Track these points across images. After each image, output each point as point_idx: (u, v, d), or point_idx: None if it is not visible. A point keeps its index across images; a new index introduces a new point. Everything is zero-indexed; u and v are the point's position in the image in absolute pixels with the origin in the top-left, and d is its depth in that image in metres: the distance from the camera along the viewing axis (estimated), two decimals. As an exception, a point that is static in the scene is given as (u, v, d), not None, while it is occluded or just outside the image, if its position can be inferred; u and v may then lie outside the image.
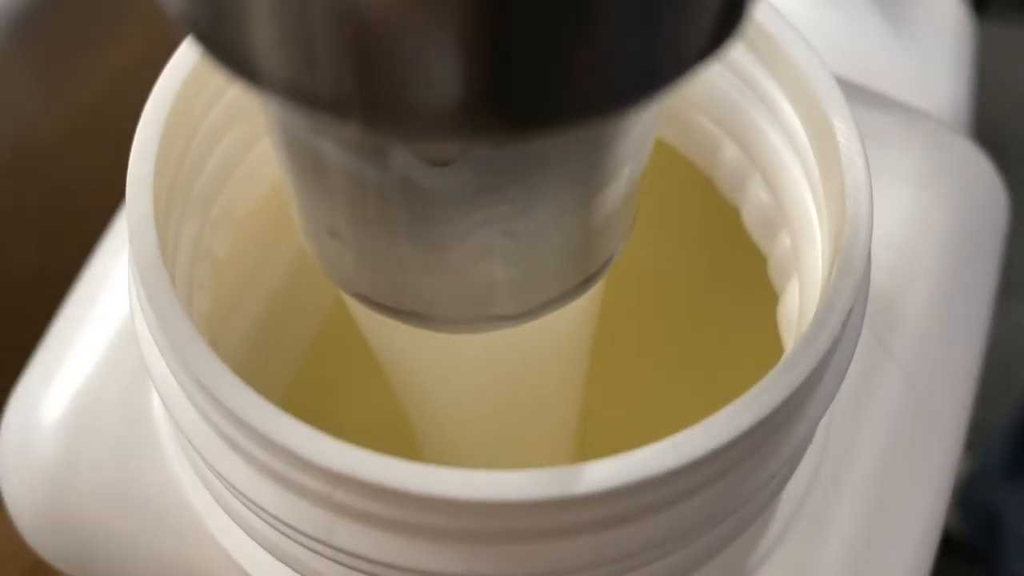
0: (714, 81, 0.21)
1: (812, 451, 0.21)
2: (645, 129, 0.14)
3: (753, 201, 0.22)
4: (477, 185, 0.13)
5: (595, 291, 0.20)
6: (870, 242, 0.16)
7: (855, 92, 0.28)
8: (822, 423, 0.21)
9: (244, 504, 0.16)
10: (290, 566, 0.17)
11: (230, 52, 0.10)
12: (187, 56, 0.18)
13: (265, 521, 0.16)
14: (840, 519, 0.21)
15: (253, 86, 0.10)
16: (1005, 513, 0.93)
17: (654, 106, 0.14)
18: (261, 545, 0.18)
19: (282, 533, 0.16)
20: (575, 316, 0.20)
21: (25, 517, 0.23)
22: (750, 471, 0.15)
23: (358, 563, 0.16)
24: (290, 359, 0.27)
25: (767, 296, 0.22)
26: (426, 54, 0.09)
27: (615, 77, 0.10)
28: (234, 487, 0.16)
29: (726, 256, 0.24)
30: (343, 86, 0.10)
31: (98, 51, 0.40)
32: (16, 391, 0.23)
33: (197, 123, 0.19)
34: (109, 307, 0.23)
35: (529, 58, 0.10)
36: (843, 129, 0.17)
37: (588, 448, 0.22)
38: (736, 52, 0.20)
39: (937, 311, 0.24)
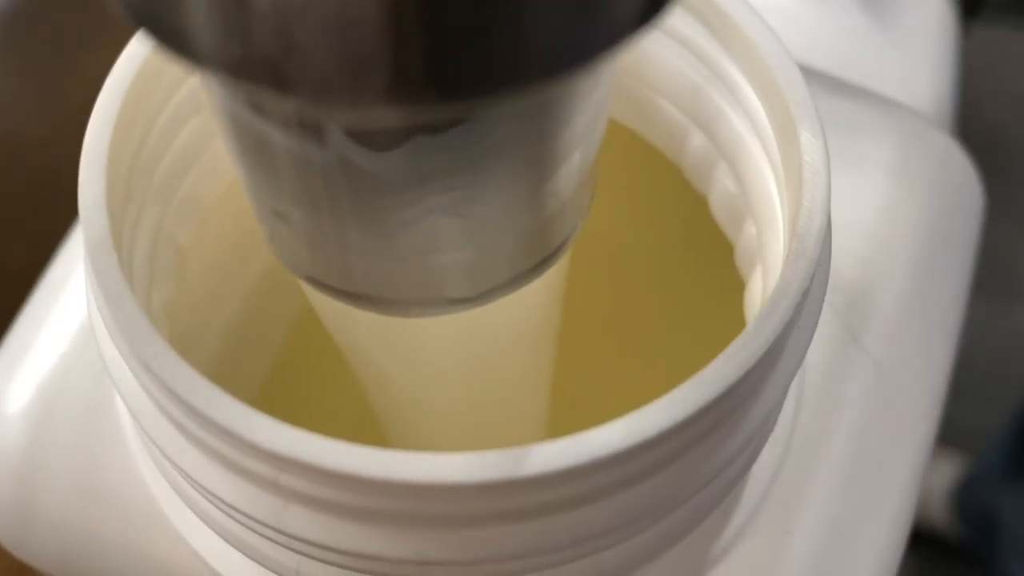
0: (680, 68, 0.21)
1: (777, 439, 0.21)
2: (592, 113, 0.14)
3: (720, 190, 0.21)
4: (420, 170, 0.13)
5: (558, 275, 0.20)
6: (826, 227, 0.16)
7: (833, 83, 0.28)
8: (788, 411, 0.21)
9: (196, 489, 0.16)
10: (244, 552, 0.17)
11: (159, 25, 0.10)
12: (143, 43, 0.18)
13: (218, 507, 0.16)
14: (807, 510, 0.21)
15: (185, 59, 0.10)
16: (1003, 515, 0.93)
17: (598, 88, 0.14)
18: (215, 532, 0.17)
19: (234, 520, 0.16)
20: (538, 300, 0.19)
21: (-10, 507, 0.23)
22: (704, 454, 0.15)
23: (309, 548, 0.16)
24: (265, 354, 0.27)
25: (736, 282, 0.22)
26: (351, 24, 0.09)
27: (543, 47, 0.10)
28: (185, 472, 0.16)
29: (696, 243, 0.24)
30: (271, 57, 0.10)
31: (86, 51, 0.40)
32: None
33: (157, 110, 0.19)
34: (74, 299, 0.23)
35: (456, 24, 0.09)
36: (802, 113, 0.17)
37: (559, 433, 0.22)
38: (699, 38, 0.20)
39: (910, 302, 0.24)
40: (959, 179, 0.26)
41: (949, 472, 1.04)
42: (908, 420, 0.24)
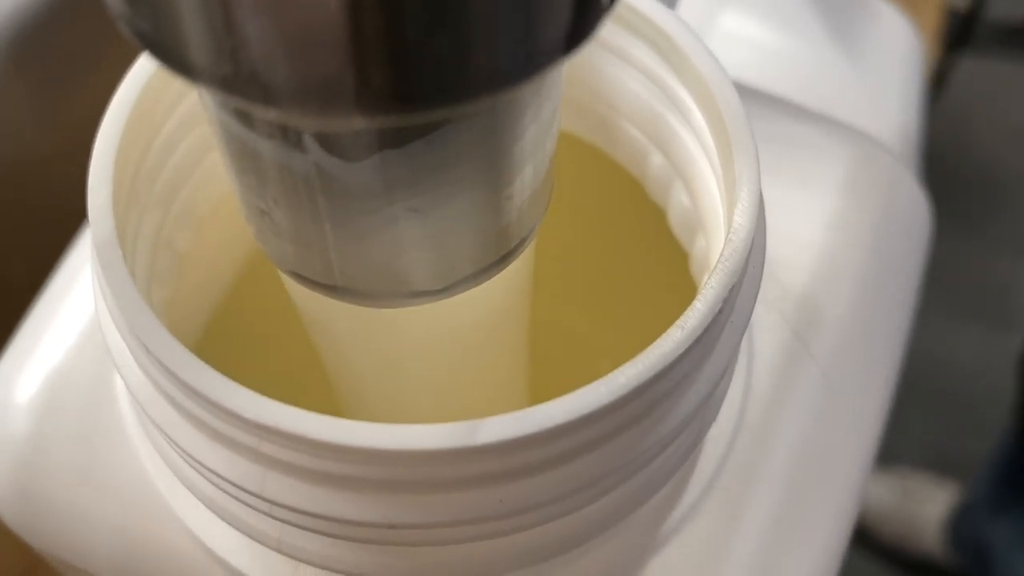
0: (639, 93, 0.23)
1: (722, 433, 0.23)
2: (541, 128, 0.16)
3: (676, 205, 0.23)
4: (388, 179, 0.15)
5: (521, 270, 0.22)
6: (751, 240, 0.18)
7: (794, 109, 0.30)
8: (733, 407, 0.23)
9: (187, 461, 0.18)
10: (231, 524, 0.19)
11: (162, 48, 0.12)
12: (148, 62, 0.20)
13: (207, 478, 0.18)
14: (752, 501, 0.23)
15: (184, 76, 0.12)
16: (993, 544, 0.94)
17: (543, 107, 0.16)
18: (205, 504, 0.19)
19: (222, 490, 0.18)
20: (502, 292, 0.21)
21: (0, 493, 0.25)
22: (640, 433, 0.17)
23: (289, 515, 0.17)
24: (249, 338, 0.29)
25: (693, 290, 0.23)
26: (323, 48, 0.11)
27: (486, 67, 0.12)
28: (177, 445, 0.18)
29: (657, 252, 0.26)
30: (256, 75, 0.12)
31: (91, 71, 0.42)
32: (-7, 374, 0.25)
33: (159, 125, 0.21)
34: (80, 297, 0.25)
35: (411, 49, 0.11)
36: (738, 138, 0.19)
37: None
38: (656, 66, 0.22)
39: (856, 313, 0.26)
40: (906, 200, 0.28)
41: (945, 501, 1.06)
42: (852, 424, 0.26)
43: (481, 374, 0.24)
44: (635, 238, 0.28)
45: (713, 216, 0.22)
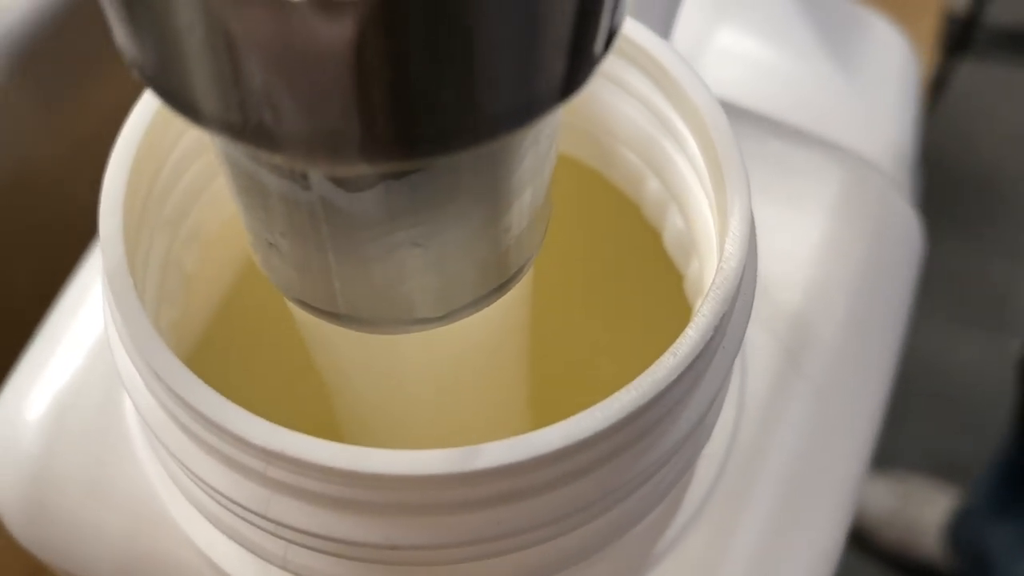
0: (636, 120, 0.23)
1: (716, 453, 0.23)
2: (535, 165, 0.17)
3: (671, 228, 0.24)
4: (389, 209, 0.15)
5: (520, 297, 0.23)
6: (741, 268, 0.18)
7: (788, 130, 0.31)
8: (726, 427, 0.24)
9: (196, 483, 0.19)
10: (237, 541, 0.20)
11: (173, 96, 0.13)
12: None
13: (214, 499, 0.19)
14: (745, 521, 0.24)
15: (194, 123, 0.13)
16: (993, 549, 0.94)
17: (538, 146, 0.16)
18: (212, 523, 0.20)
19: (229, 510, 0.19)
20: (502, 318, 0.22)
21: (9, 508, 0.25)
22: (636, 455, 0.18)
23: (293, 535, 0.18)
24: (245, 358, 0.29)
25: (687, 312, 0.24)
26: (328, 101, 0.12)
27: (481, 118, 0.13)
28: (186, 467, 0.18)
29: (654, 272, 0.26)
30: (263, 125, 0.12)
31: (97, 81, 0.42)
32: (3, 391, 0.26)
33: (168, 151, 0.21)
34: (89, 317, 0.26)
35: (411, 103, 0.12)
36: (730, 167, 0.20)
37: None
38: (651, 94, 0.22)
39: (848, 331, 0.27)
40: (897, 219, 0.29)
41: (945, 505, 1.06)
42: (844, 441, 0.26)
43: (481, 394, 0.25)
44: (634, 259, 0.28)
45: (706, 240, 0.22)
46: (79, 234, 0.30)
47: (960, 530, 1.00)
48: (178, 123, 0.21)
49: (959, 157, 1.42)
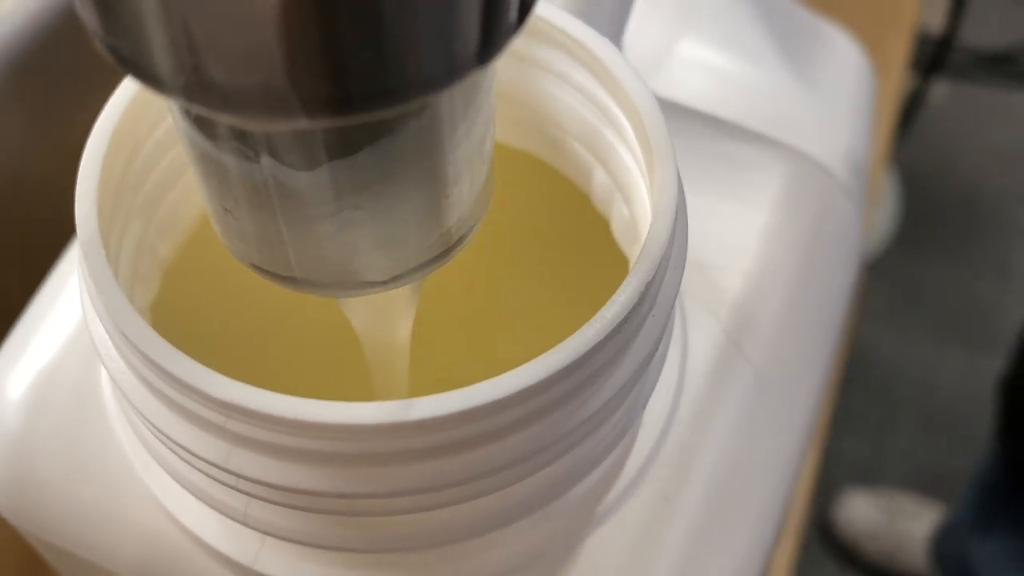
0: (581, 112, 0.25)
1: (655, 421, 0.25)
2: (473, 125, 0.18)
3: (618, 216, 0.26)
4: (335, 184, 0.17)
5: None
6: (666, 242, 0.20)
7: (740, 130, 0.33)
8: (664, 401, 0.25)
9: (162, 440, 0.20)
10: (202, 499, 0.21)
11: (132, 64, 0.14)
12: (132, 84, 0.22)
13: (179, 456, 0.20)
14: (685, 489, 0.25)
15: (153, 87, 0.15)
16: (976, 563, 0.95)
17: (468, 121, 0.18)
18: (178, 481, 0.21)
19: (193, 466, 0.20)
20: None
21: (-7, 483, 0.27)
22: (569, 412, 0.19)
23: (253, 487, 0.19)
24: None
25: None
26: (269, 63, 0.14)
27: (408, 77, 0.14)
28: (153, 424, 0.20)
29: (603, 258, 0.28)
30: (211, 84, 0.14)
31: (89, 93, 0.44)
32: (-15, 373, 0.27)
33: (141, 141, 0.23)
34: (69, 301, 0.27)
35: (345, 60, 0.14)
36: (660, 154, 0.21)
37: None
38: (592, 87, 0.24)
39: (788, 318, 0.28)
40: (838, 214, 0.31)
41: (931, 520, 1.07)
42: (783, 419, 0.28)
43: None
44: (587, 248, 0.30)
45: (646, 226, 0.24)
46: (67, 242, 0.32)
47: (945, 545, 1.01)
48: (149, 116, 0.23)
49: (940, 176, 1.44)
